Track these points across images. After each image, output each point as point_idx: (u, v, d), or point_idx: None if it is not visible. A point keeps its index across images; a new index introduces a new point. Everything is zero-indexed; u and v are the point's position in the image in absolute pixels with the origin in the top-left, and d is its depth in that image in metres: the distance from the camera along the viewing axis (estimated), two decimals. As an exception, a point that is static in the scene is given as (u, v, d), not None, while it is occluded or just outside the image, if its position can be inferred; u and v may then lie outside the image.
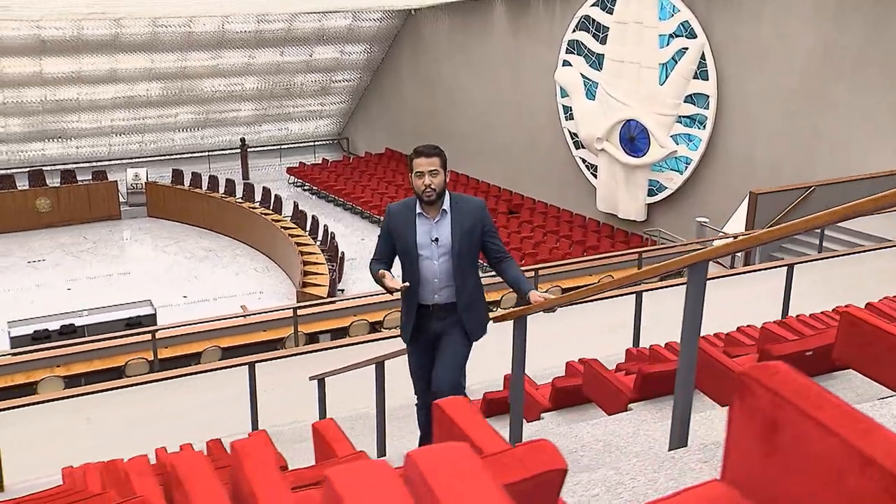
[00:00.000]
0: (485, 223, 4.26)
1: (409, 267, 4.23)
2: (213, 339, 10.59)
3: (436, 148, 4.27)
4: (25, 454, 7.14)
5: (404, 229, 4.22)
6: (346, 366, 5.12)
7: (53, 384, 9.48)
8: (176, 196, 22.97)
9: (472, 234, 4.19)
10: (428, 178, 4.12)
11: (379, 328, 10.99)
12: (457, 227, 4.17)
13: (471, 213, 4.23)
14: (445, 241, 4.17)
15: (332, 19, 24.33)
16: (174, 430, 6.87)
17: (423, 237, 4.20)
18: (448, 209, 4.22)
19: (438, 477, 0.79)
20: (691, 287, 2.31)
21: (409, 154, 4.28)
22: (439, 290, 4.22)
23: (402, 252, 4.24)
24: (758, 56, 15.82)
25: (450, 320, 4.26)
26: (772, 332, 3.91)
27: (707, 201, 17.06)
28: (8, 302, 17.59)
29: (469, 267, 4.25)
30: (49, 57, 22.05)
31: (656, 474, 2.07)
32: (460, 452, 0.85)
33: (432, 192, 4.12)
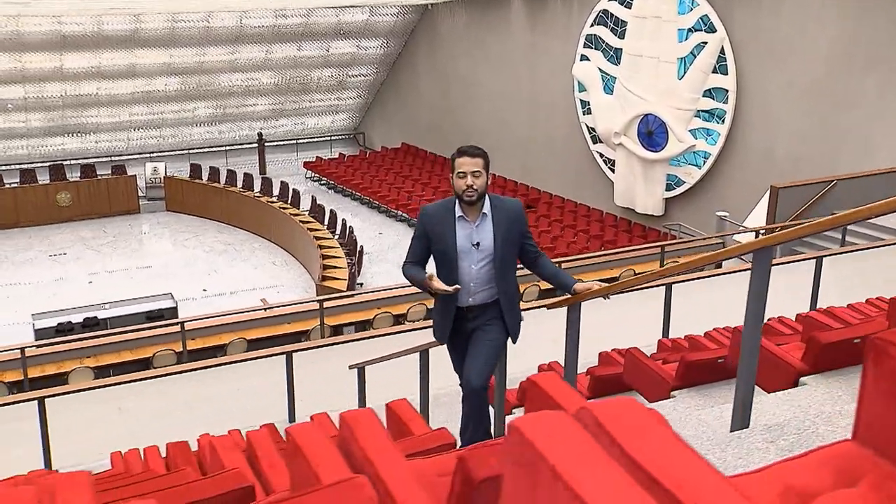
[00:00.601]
0: (522, 225, 4.23)
1: (446, 270, 4.16)
2: (239, 332, 10.70)
3: (479, 148, 4.18)
4: (63, 441, 7.25)
5: (443, 232, 4.13)
6: (388, 354, 5.20)
7: (83, 374, 9.61)
8: (194, 190, 23.13)
9: (512, 237, 4.16)
10: (470, 178, 4.02)
11: (402, 321, 11.08)
12: (499, 231, 4.12)
13: (509, 215, 4.17)
14: (487, 245, 4.12)
15: (350, 14, 24.41)
16: (207, 418, 6.97)
17: (463, 241, 4.12)
18: (488, 212, 4.14)
19: (619, 426, 0.86)
20: (756, 272, 2.36)
21: (452, 154, 4.18)
22: (475, 294, 4.19)
23: (440, 255, 4.17)
24: (778, 50, 15.78)
25: (485, 318, 4.23)
26: (815, 320, 3.95)
27: (725, 196, 17.05)
28: (31, 295, 17.79)
29: (509, 269, 4.23)
30: (69, 52, 22.23)
31: (723, 453, 2.14)
32: (632, 405, 0.92)
33: (474, 192, 4.03)
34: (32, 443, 7.39)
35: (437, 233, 4.13)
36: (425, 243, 4.19)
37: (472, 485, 1.32)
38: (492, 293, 4.16)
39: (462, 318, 4.24)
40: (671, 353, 5.01)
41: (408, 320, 11.05)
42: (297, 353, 6.07)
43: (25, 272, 19.27)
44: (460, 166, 4.05)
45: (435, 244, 4.15)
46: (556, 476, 0.78)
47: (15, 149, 24.44)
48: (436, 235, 4.14)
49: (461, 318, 4.24)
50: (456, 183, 4.08)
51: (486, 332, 4.21)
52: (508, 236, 4.12)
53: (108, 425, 7.75)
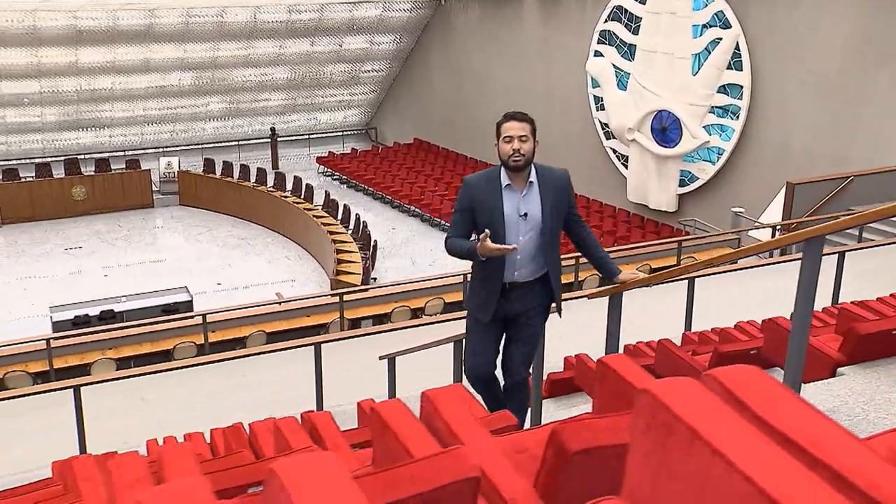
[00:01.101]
0: (569, 196, 4.10)
1: (494, 241, 3.88)
2: (258, 325, 10.79)
3: (527, 114, 4.04)
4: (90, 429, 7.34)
5: (490, 203, 3.94)
6: (422, 344, 5.26)
7: (106, 366, 9.71)
8: (208, 185, 23.23)
9: (559, 209, 4.01)
10: (517, 142, 3.87)
11: (420, 314, 11.14)
12: (546, 201, 3.97)
13: (556, 185, 4.02)
14: (535, 216, 3.95)
15: (363, 9, 24.46)
16: (234, 408, 7.04)
17: (510, 211, 3.94)
18: (535, 181, 3.98)
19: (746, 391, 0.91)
20: (807, 260, 2.40)
21: (498, 121, 4.00)
22: (519, 268, 4.01)
23: (483, 227, 3.93)
24: (794, 46, 15.76)
25: (529, 300, 4.07)
26: (851, 311, 3.99)
27: (740, 192, 17.05)
28: (47, 287, 17.94)
29: (556, 240, 4.08)
30: (85, 47, 22.35)
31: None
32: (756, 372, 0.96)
33: (521, 157, 3.87)
34: (55, 431, 7.51)
35: (483, 203, 3.95)
36: (469, 216, 3.99)
37: (566, 457, 1.37)
38: (537, 267, 4.01)
39: (504, 295, 4.04)
40: (698, 345, 5.05)
41: (425, 314, 11.11)
42: (324, 343, 6.13)
43: (42, 265, 19.42)
44: (507, 130, 3.91)
45: (479, 216, 3.95)
46: (695, 435, 0.83)
47: (30, 143, 24.58)
48: (481, 206, 3.95)
49: (504, 297, 4.04)
50: (501, 148, 3.92)
51: (529, 320, 4.10)
52: (556, 207, 3.99)
53: (132, 415, 7.84)
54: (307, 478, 0.97)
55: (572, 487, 1.37)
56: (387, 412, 1.60)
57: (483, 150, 24.16)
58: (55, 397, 7.26)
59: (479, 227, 3.96)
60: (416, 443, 1.48)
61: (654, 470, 0.91)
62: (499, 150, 3.94)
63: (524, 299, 4.08)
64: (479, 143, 24.32)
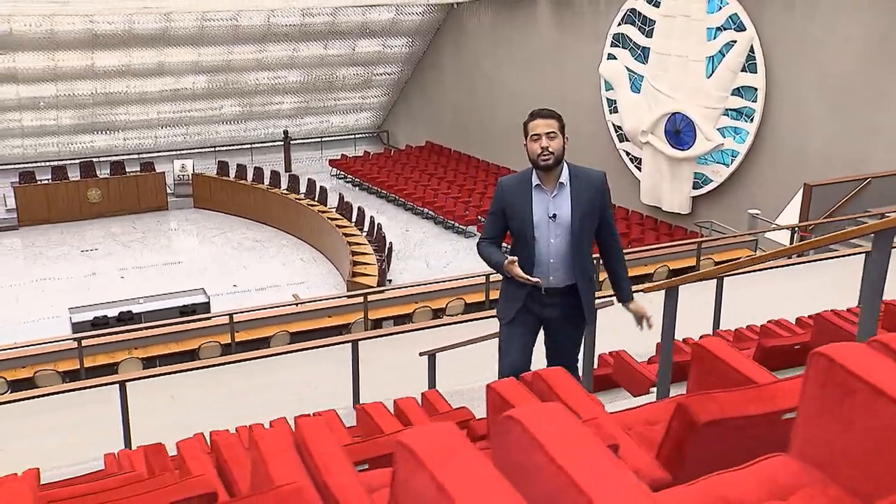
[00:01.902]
0: (603, 198, 3.96)
1: (523, 246, 3.94)
2: (281, 325, 10.89)
3: (554, 111, 3.96)
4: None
5: (520, 205, 3.89)
6: (463, 341, 5.34)
7: (133, 364, 9.83)
8: (222, 187, 23.37)
9: (591, 211, 3.90)
10: (545, 140, 3.79)
11: (441, 315, 11.23)
12: (576, 202, 3.86)
13: (590, 187, 3.90)
14: (564, 218, 3.86)
15: (376, 13, 24.59)
16: (269, 405, 7.13)
17: (539, 213, 3.88)
18: (567, 182, 3.89)
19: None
20: (876, 253, 2.49)
21: (524, 120, 3.92)
22: (554, 273, 3.92)
23: (516, 230, 3.94)
24: (809, 47, 15.80)
25: (564, 306, 3.97)
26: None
27: (754, 194, 17.10)
28: (65, 289, 18.07)
29: (587, 245, 3.96)
30: (101, 51, 22.52)
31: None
32: None
33: (549, 155, 3.80)
34: (91, 427, 7.62)
35: (513, 206, 3.92)
36: (501, 218, 3.98)
37: (694, 428, 1.46)
38: (571, 272, 3.92)
39: (538, 301, 3.98)
40: (735, 342, 5.13)
41: (446, 315, 11.20)
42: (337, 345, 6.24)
43: (59, 267, 19.56)
44: (534, 128, 3.84)
45: (511, 219, 3.94)
46: (877, 392, 0.92)
47: (46, 146, 24.77)
48: (511, 209, 3.93)
49: (537, 299, 3.98)
50: (530, 147, 3.86)
51: (570, 326, 4.02)
52: (587, 209, 3.87)
53: (163, 412, 7.94)
54: (546, 422, 1.06)
55: (698, 458, 1.46)
56: (505, 390, 1.69)
57: (495, 153, 24.26)
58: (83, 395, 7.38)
59: (511, 230, 3.96)
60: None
61: (828, 426, 0.99)
62: (527, 150, 3.88)
63: (559, 306, 3.99)
64: (491, 147, 24.42)
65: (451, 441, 1.07)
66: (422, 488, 0.90)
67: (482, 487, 0.85)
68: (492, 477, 0.88)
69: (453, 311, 11.20)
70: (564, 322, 4.02)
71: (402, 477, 0.97)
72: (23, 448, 7.13)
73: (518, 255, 3.88)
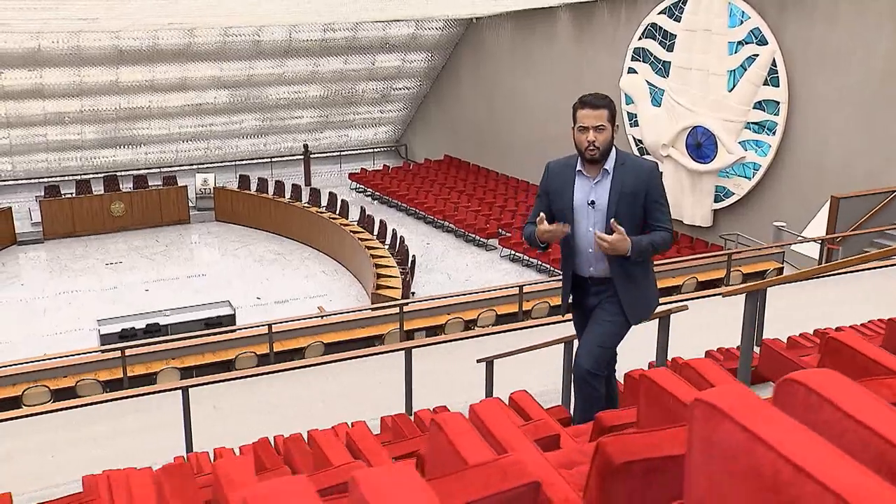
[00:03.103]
0: (650, 189, 3.75)
1: None
2: (316, 336, 10.99)
3: (604, 98, 3.79)
4: (160, 435, 7.55)
5: (562, 190, 3.83)
6: (524, 347, 5.43)
7: (171, 374, 9.94)
8: (244, 201, 23.57)
9: (634, 200, 3.72)
10: (592, 133, 3.67)
11: (473, 326, 11.31)
12: (616, 189, 3.73)
13: (636, 176, 3.74)
14: (602, 205, 3.75)
15: (396, 28, 24.83)
16: (300, 415, 7.22)
17: (580, 199, 3.80)
18: (611, 169, 3.76)
19: None
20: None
21: (574, 104, 3.79)
22: (595, 262, 3.83)
23: (558, 216, 3.86)
24: (832, 60, 15.88)
25: (606, 294, 3.86)
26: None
27: (776, 207, 17.14)
28: (91, 302, 18.25)
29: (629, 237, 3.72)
30: (125, 66, 22.82)
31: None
32: None
33: (595, 149, 3.69)
34: (143, 434, 7.72)
35: (556, 190, 3.85)
36: (545, 201, 3.91)
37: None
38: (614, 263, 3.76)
39: (584, 291, 3.93)
40: (788, 349, 5.18)
41: (478, 325, 11.28)
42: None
43: (85, 280, 19.75)
44: (582, 119, 3.71)
45: (554, 202, 3.87)
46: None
47: (69, 160, 25.06)
48: (555, 192, 3.86)
49: (583, 288, 3.92)
50: (577, 138, 3.74)
51: (603, 310, 3.87)
52: (630, 199, 3.71)
53: (207, 421, 8.03)
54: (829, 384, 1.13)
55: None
56: (658, 377, 1.79)
57: (514, 167, 24.39)
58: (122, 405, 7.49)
59: (555, 214, 3.86)
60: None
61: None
62: (574, 138, 3.78)
63: (602, 294, 3.89)
64: (510, 160, 24.56)
65: (749, 399, 1.09)
66: (730, 439, 0.99)
67: (791, 434, 0.93)
68: (794, 426, 0.96)
69: (485, 322, 11.28)
70: (602, 305, 3.89)
71: (703, 434, 1.05)
72: (72, 455, 7.25)
73: (562, 244, 3.87)
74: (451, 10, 22.92)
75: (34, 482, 5.61)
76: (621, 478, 1.60)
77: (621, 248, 3.62)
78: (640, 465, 1.53)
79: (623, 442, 1.68)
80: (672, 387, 1.78)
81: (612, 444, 1.68)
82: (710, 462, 1.00)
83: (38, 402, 9.11)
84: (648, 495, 1.62)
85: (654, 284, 4.04)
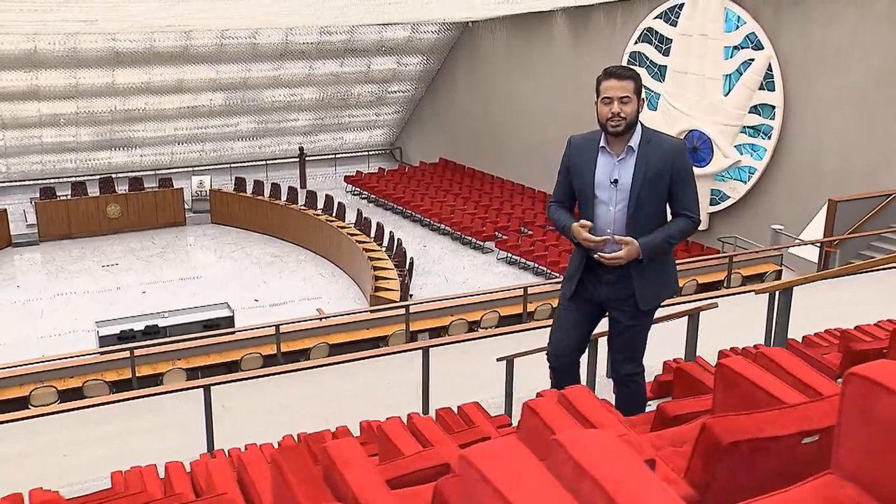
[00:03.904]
0: (676, 169, 3.59)
1: (584, 211, 3.72)
2: (321, 337, 11.04)
3: (630, 69, 3.66)
4: (176, 434, 7.58)
5: (584, 165, 3.66)
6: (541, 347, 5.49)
7: (177, 375, 9.96)
8: (240, 203, 23.56)
9: (659, 180, 3.56)
10: (617, 105, 3.53)
11: (476, 328, 11.38)
12: (641, 168, 3.55)
13: (662, 155, 3.57)
14: (625, 183, 3.57)
15: (392, 31, 24.91)
16: (311, 415, 7.25)
17: (602, 177, 3.62)
18: (636, 147, 3.59)
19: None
20: None
21: (598, 76, 3.66)
22: (611, 246, 3.63)
23: (579, 192, 3.71)
24: (828, 63, 16.01)
25: (620, 288, 3.68)
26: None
27: (771, 210, 17.29)
28: (88, 304, 18.20)
29: (651, 219, 3.61)
30: (122, 68, 22.79)
31: None
32: None
33: (620, 121, 3.53)
34: (158, 433, 7.75)
35: (578, 165, 3.69)
36: (567, 177, 3.76)
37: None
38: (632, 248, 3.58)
39: (595, 278, 3.72)
40: (807, 347, 5.28)
41: (481, 327, 11.36)
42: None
43: (81, 282, 19.70)
44: (606, 90, 3.58)
45: (574, 179, 3.72)
46: None
47: (64, 162, 24.99)
48: (576, 168, 3.70)
49: (594, 276, 3.72)
50: (600, 110, 3.60)
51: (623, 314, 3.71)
52: (655, 178, 3.55)
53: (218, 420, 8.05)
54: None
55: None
56: (738, 366, 1.87)
57: (510, 170, 24.49)
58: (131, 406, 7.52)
59: (575, 192, 3.74)
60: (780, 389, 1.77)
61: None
62: (597, 112, 3.63)
63: (615, 286, 3.69)
64: (507, 163, 24.66)
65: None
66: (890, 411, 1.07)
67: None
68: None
69: (488, 323, 11.36)
70: (620, 307, 3.72)
71: (860, 405, 1.13)
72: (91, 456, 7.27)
73: None
74: (449, 13, 23.03)
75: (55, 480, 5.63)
76: (727, 458, 1.67)
77: (633, 256, 3.55)
78: (746, 444, 1.60)
79: (729, 423, 1.73)
80: (752, 374, 1.85)
81: (719, 424, 1.72)
82: (869, 432, 1.07)
83: (45, 403, 9.12)
84: (750, 475, 1.71)
85: (673, 269, 3.88)
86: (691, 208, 3.65)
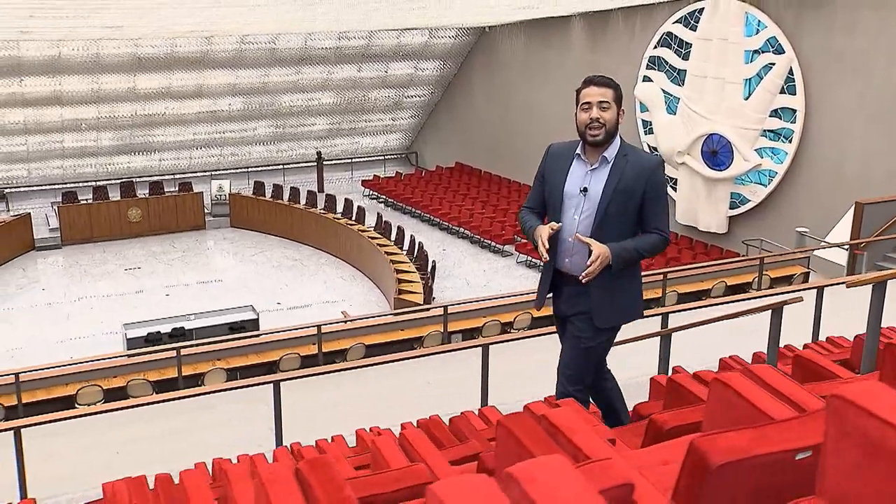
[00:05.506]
0: (650, 186, 3.50)
1: (551, 218, 3.63)
2: (356, 338, 11.17)
3: (610, 79, 3.65)
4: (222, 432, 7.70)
5: (558, 172, 3.60)
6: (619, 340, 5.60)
7: (218, 375, 10.09)
8: (259, 207, 23.73)
9: (630, 195, 3.48)
10: (596, 110, 3.51)
11: (509, 329, 11.50)
12: (613, 179, 3.48)
13: (638, 170, 3.49)
14: (595, 193, 3.49)
15: (409, 36, 25.08)
16: (360, 413, 7.36)
17: (572, 184, 3.55)
18: (611, 158, 3.53)
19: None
20: None
21: (578, 87, 3.65)
22: (571, 255, 3.54)
23: (548, 197, 3.63)
24: (849, 66, 16.09)
25: (576, 303, 3.59)
26: None
27: (792, 213, 17.36)
28: (112, 307, 18.36)
29: (617, 235, 3.49)
30: (143, 74, 23.00)
31: None
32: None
33: (599, 126, 3.49)
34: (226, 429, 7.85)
35: (552, 172, 3.64)
36: (542, 184, 3.70)
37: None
38: None
39: (558, 287, 3.64)
40: (839, 350, 5.37)
41: (514, 328, 11.47)
42: (468, 349, 6.51)
43: (105, 285, 19.87)
44: (585, 96, 3.56)
45: (546, 184, 3.66)
46: None
47: (84, 167, 25.20)
48: (550, 174, 3.64)
49: (557, 285, 3.64)
50: (579, 117, 3.55)
51: (574, 327, 3.64)
52: (626, 193, 3.47)
53: (253, 422, 8.15)
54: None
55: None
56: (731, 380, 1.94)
57: (528, 175, 24.52)
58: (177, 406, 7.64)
59: (545, 197, 3.67)
60: None
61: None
62: (576, 120, 3.58)
63: (573, 301, 3.62)
64: (523, 167, 24.75)
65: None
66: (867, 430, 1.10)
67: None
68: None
69: (520, 324, 11.48)
70: (573, 322, 3.64)
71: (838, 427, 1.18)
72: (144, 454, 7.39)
73: None
74: (466, 19, 23.19)
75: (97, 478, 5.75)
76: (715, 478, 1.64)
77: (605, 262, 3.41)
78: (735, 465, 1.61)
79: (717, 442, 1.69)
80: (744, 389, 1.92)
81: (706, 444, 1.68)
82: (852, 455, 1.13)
83: (91, 402, 9.26)
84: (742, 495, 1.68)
85: (639, 291, 3.73)
86: (661, 227, 3.57)
